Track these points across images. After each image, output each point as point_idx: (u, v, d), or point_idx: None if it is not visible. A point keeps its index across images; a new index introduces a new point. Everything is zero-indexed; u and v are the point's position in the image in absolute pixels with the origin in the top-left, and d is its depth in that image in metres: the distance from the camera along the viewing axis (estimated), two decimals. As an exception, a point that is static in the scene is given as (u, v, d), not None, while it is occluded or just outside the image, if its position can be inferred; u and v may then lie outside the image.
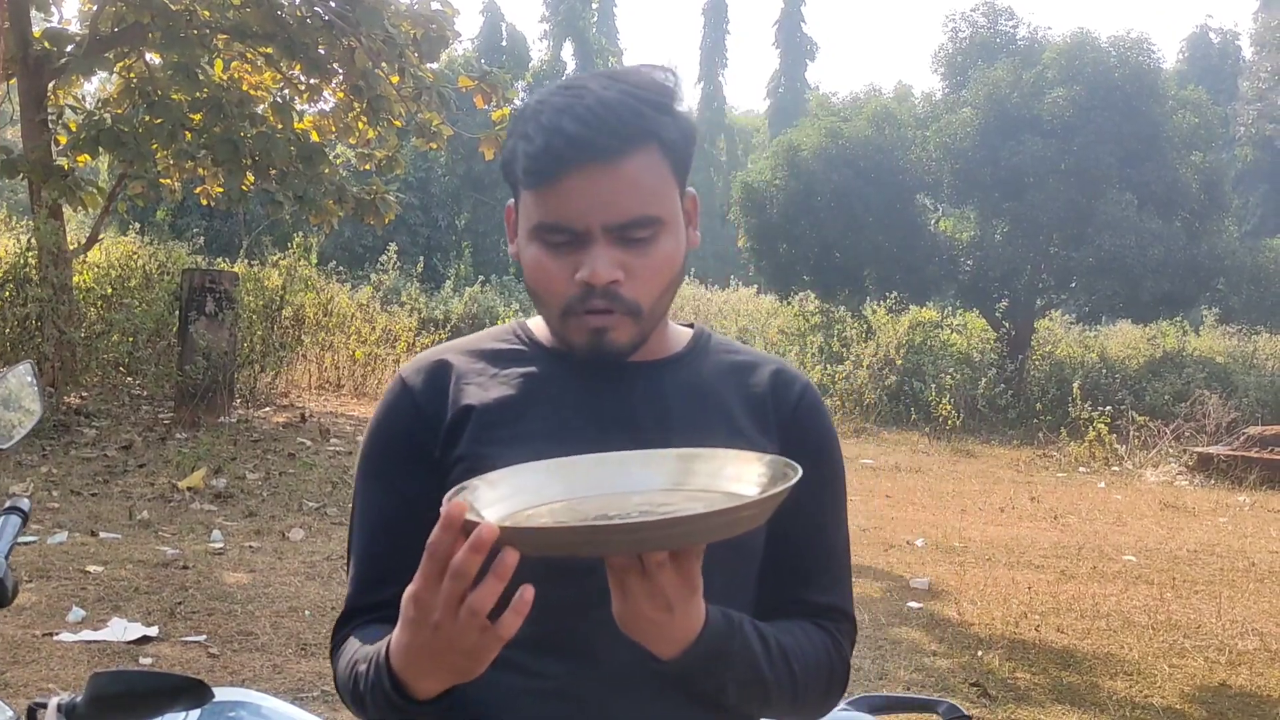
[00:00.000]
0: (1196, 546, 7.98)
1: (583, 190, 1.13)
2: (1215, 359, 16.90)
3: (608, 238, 1.14)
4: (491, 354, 1.29)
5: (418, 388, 1.26)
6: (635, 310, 1.18)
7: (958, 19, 17.86)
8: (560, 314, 1.19)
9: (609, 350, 1.19)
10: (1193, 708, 4.60)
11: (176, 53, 10.03)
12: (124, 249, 13.33)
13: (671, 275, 1.20)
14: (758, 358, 1.34)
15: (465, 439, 1.21)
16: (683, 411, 1.24)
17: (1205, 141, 16.35)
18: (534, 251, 1.18)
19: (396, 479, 1.24)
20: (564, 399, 1.23)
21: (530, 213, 1.17)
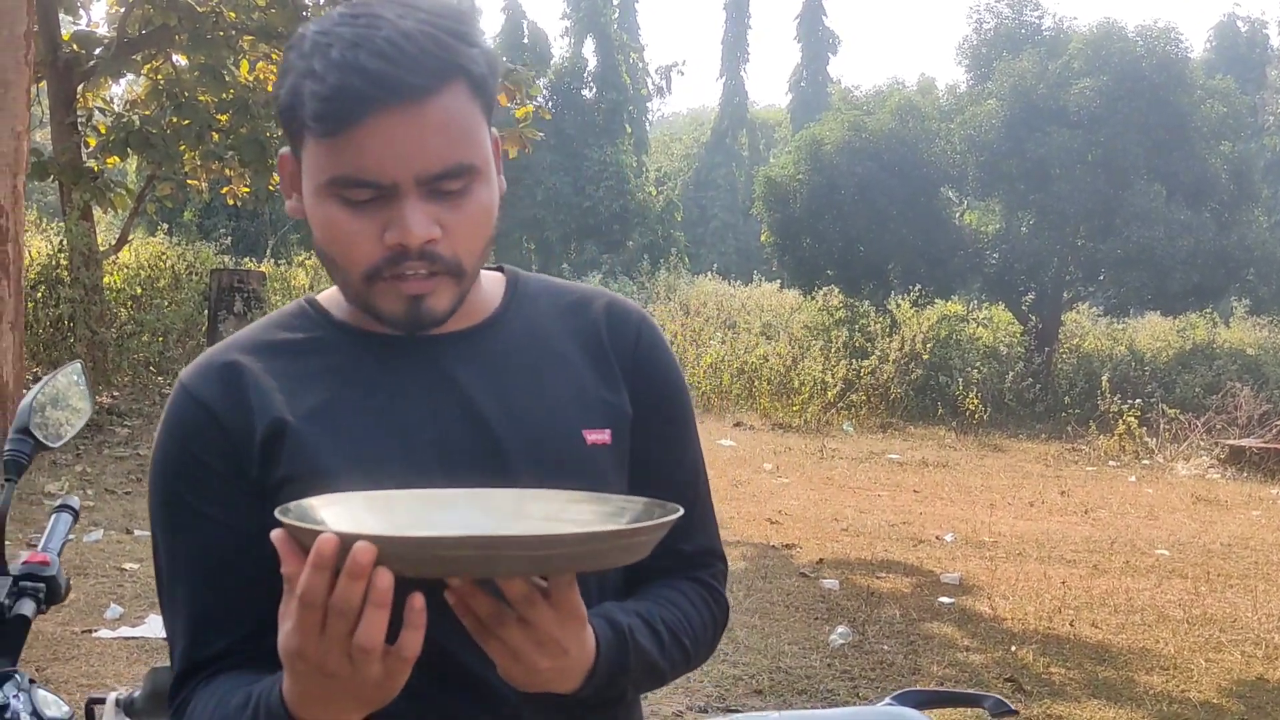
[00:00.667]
0: (1230, 540, 7.91)
1: (387, 137, 0.96)
2: (1246, 350, 16.75)
3: (419, 191, 0.98)
4: (286, 347, 1.10)
5: (211, 399, 1.05)
6: (457, 270, 1.03)
7: (982, 10, 17.76)
8: (364, 279, 1.02)
9: (428, 318, 1.04)
10: (1230, 702, 4.57)
11: (203, 54, 10.11)
12: (153, 250, 13.45)
13: (490, 228, 1.06)
14: (583, 292, 1.20)
15: (286, 457, 1.03)
16: (520, 377, 1.10)
17: (1234, 131, 16.20)
18: (329, 210, 1.00)
19: (207, 506, 1.03)
20: (386, 389, 1.07)
21: (321, 165, 0.99)
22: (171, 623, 1.06)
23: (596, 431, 1.09)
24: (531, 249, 28.93)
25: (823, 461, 11.18)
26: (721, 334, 17.63)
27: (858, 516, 8.17)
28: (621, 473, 1.11)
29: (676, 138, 41.01)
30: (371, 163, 0.96)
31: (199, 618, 1.03)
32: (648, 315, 1.20)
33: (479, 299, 1.13)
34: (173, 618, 1.06)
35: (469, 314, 1.11)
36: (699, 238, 33.05)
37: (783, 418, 14.23)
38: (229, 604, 1.02)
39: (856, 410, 14.51)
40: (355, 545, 0.78)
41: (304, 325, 1.11)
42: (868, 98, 18.60)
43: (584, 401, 1.10)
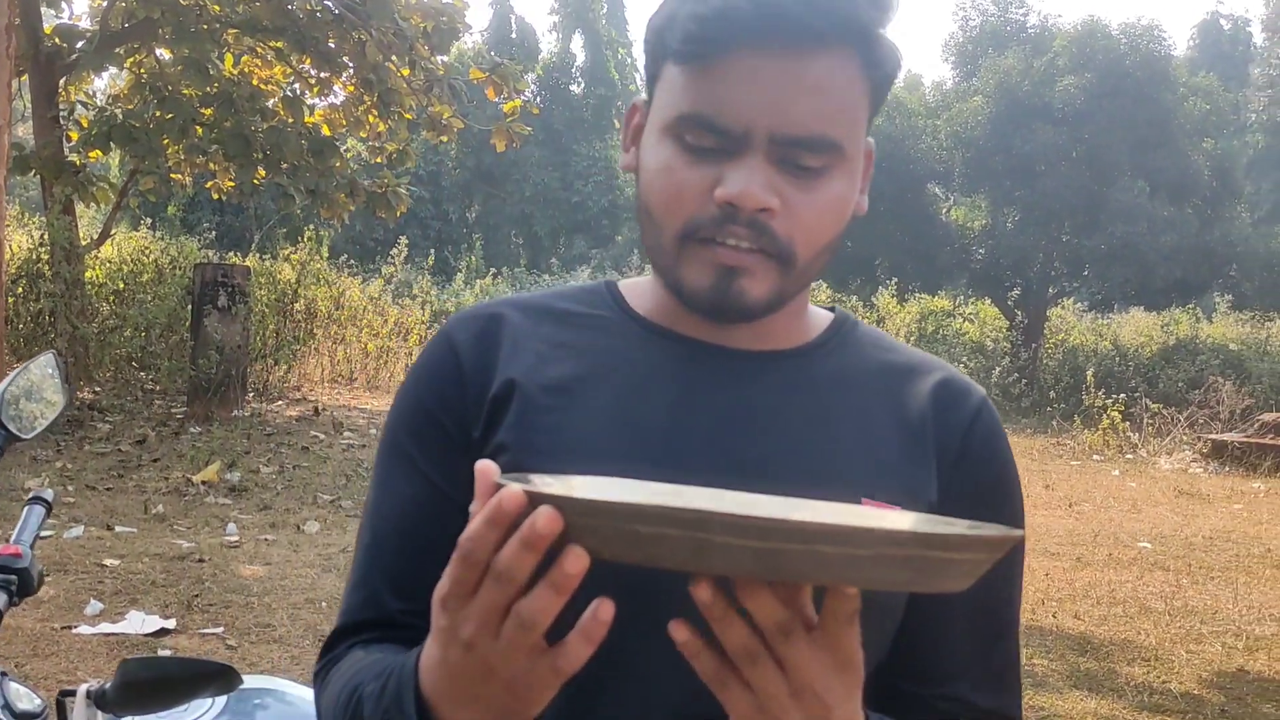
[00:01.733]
0: (1212, 533, 7.96)
1: (754, 78, 0.83)
2: (1228, 346, 16.84)
3: (770, 152, 0.85)
4: (563, 315, 0.99)
5: (464, 345, 0.96)
6: (786, 256, 0.87)
7: (968, 7, 17.83)
8: (679, 238, 0.88)
9: (736, 301, 0.87)
10: (1211, 693, 4.59)
11: (187, 48, 10.05)
12: (136, 244, 13.36)
13: (838, 228, 0.90)
14: (919, 360, 1.01)
15: (509, 422, 0.92)
16: (809, 420, 0.93)
17: (1217, 128, 16.30)
18: (665, 153, 0.87)
19: (424, 462, 0.94)
20: (648, 380, 0.93)
21: (674, 99, 0.87)
22: (358, 565, 0.96)
23: (880, 506, 0.89)
24: (520, 244, 28.91)
25: (808, 456, 11.19)
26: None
27: (842, 511, 8.19)
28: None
29: (663, 133, 41.01)
30: (728, 103, 0.84)
31: (372, 574, 0.94)
32: (989, 401, 1.00)
33: (797, 325, 0.98)
34: (359, 563, 0.96)
35: (779, 336, 0.96)
36: (686, 233, 33.06)
37: (769, 413, 14.23)
38: (416, 571, 0.90)
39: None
40: (539, 509, 0.63)
41: (594, 302, 1.00)
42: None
43: (874, 468, 0.92)
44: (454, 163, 26.53)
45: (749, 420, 0.91)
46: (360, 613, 0.94)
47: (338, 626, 0.95)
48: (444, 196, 26.39)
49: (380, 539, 0.95)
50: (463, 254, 25.27)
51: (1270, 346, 16.75)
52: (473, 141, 22.51)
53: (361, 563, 0.96)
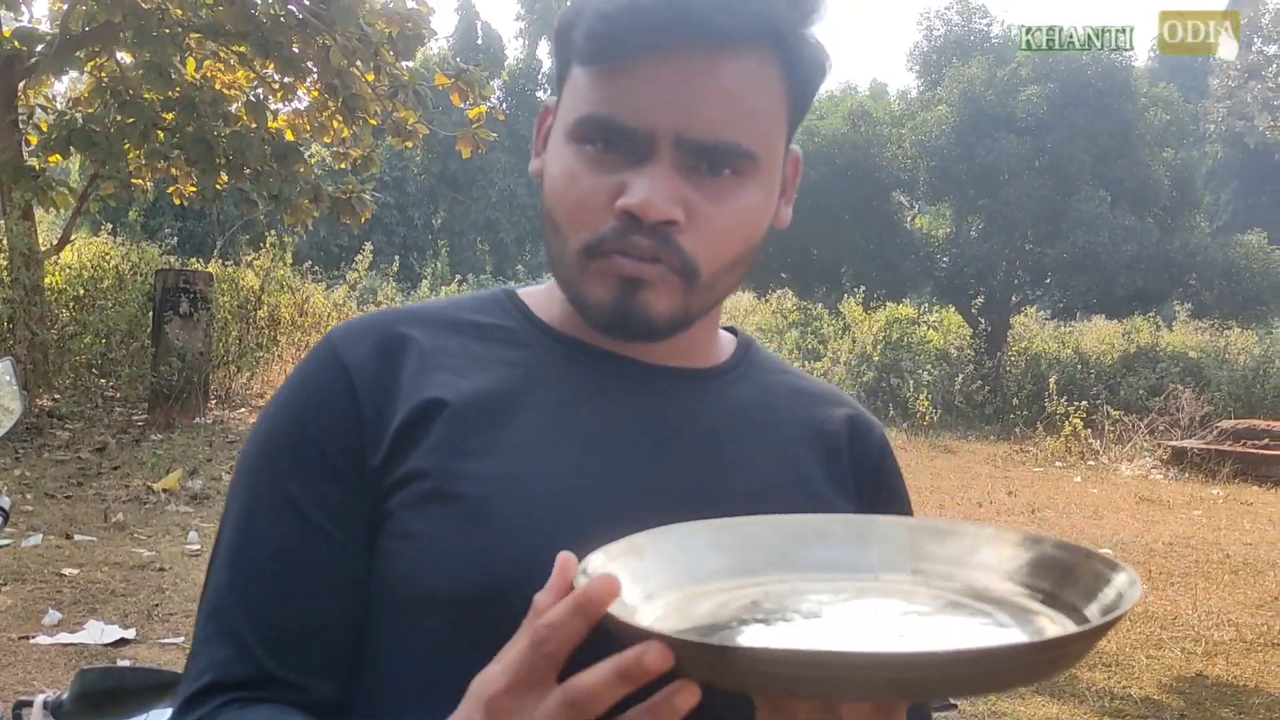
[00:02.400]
0: (1171, 539, 8.05)
1: (661, 79, 0.78)
2: (1188, 354, 17.06)
3: (676, 158, 0.80)
4: (470, 327, 0.91)
5: (358, 363, 0.86)
6: (690, 271, 0.82)
7: (932, 17, 17.98)
8: (582, 253, 0.83)
9: (639, 315, 0.83)
10: (1171, 698, 4.64)
11: (148, 51, 9.94)
12: (96, 249, 13.21)
13: (749, 242, 0.86)
14: (823, 390, 1.01)
15: (428, 446, 0.82)
16: (740, 440, 0.90)
17: (1177, 138, 16.52)
18: (568, 158, 0.83)
19: (303, 496, 0.83)
20: (575, 396, 0.87)
21: (578, 101, 0.82)
22: (215, 613, 0.83)
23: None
24: (486, 250, 28.83)
25: (774, 463, 11.22)
26: (674, 336, 17.67)
27: (808, 518, 8.22)
28: None
29: (630, 141, 41.11)
30: (631, 104, 0.79)
31: (250, 628, 0.81)
32: (885, 433, 1.02)
33: (708, 345, 0.94)
34: (217, 610, 0.83)
35: (696, 354, 0.93)
36: (652, 241, 33.14)
37: (735, 420, 14.26)
38: (293, 623, 0.82)
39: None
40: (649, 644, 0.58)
41: (497, 312, 0.93)
42: (820, 102, 18.73)
43: (802, 491, 0.90)
44: (419, 169, 26.44)
45: (682, 439, 0.87)
46: (230, 670, 0.81)
47: (203, 685, 0.81)
48: (409, 202, 26.29)
49: (247, 585, 0.83)
50: (428, 260, 25.18)
51: (1229, 354, 16.99)
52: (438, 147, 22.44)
53: (223, 611, 0.82)
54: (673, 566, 0.72)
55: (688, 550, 0.73)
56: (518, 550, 0.79)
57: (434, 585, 0.80)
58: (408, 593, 0.81)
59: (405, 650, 0.82)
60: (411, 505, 0.81)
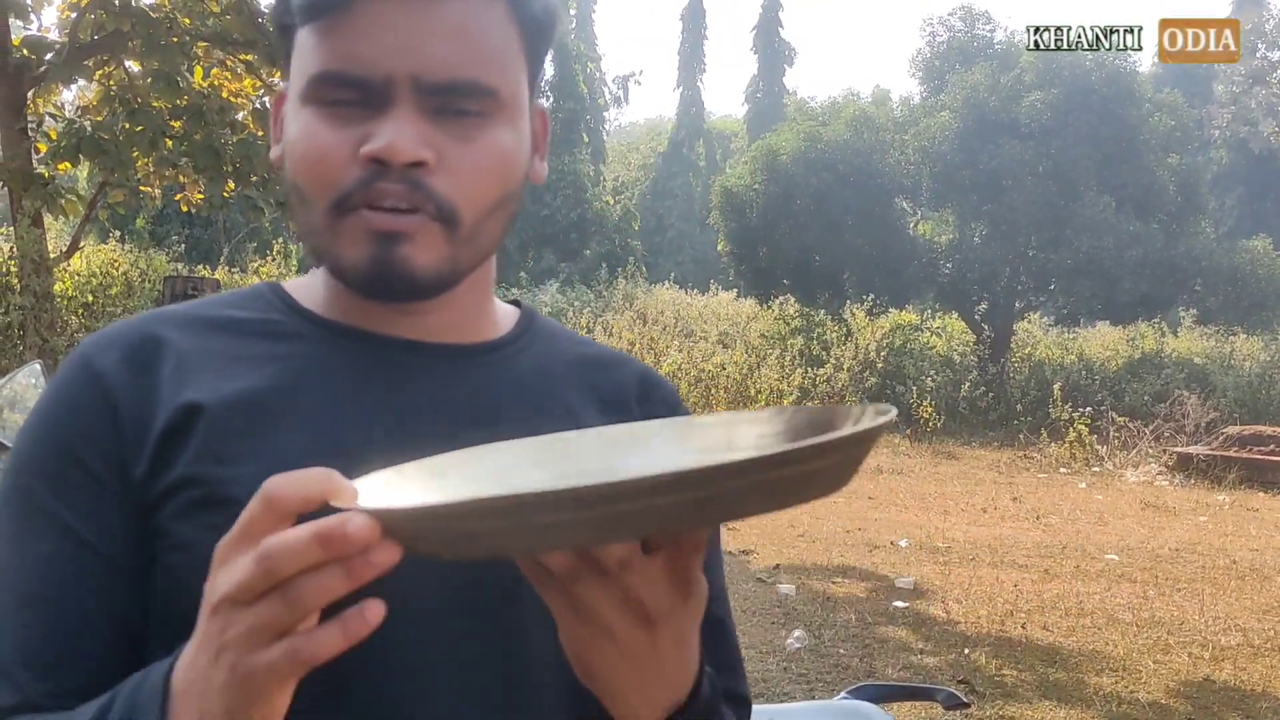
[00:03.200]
0: (1178, 545, 8.06)
1: (387, 23, 0.77)
2: (1193, 360, 17.06)
3: (418, 102, 0.78)
4: (229, 324, 0.86)
5: (111, 373, 0.81)
6: (448, 216, 0.79)
7: (935, 23, 18.03)
8: (331, 211, 0.79)
9: (399, 272, 0.79)
10: (1178, 702, 4.66)
11: (157, 60, 9.99)
12: (105, 256, 13.27)
13: (507, 183, 0.83)
14: (612, 355, 0.99)
15: (190, 452, 0.78)
16: (521, 416, 0.86)
17: (1181, 144, 16.53)
18: (304, 122, 0.79)
19: (67, 512, 0.78)
20: (344, 386, 0.83)
21: (306, 62, 0.79)
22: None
23: None
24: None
25: (779, 469, 11.23)
26: (679, 343, 17.70)
27: (814, 523, 8.24)
28: None
29: (634, 147, 41.14)
30: (361, 52, 0.77)
31: (13, 652, 0.77)
32: (678, 394, 1.00)
33: (484, 319, 0.91)
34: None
35: (471, 328, 0.89)
36: (656, 247, 33.15)
37: (740, 426, 14.27)
38: (60, 644, 0.77)
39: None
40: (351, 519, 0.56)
41: (259, 306, 0.89)
42: (823, 109, 18.78)
43: None
44: (424, 176, 26.52)
45: (461, 420, 0.84)
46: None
47: None
48: (414, 210, 26.37)
49: (14, 609, 0.77)
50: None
51: (1235, 360, 17.00)
52: (444, 155, 22.48)
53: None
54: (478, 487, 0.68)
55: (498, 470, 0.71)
56: None
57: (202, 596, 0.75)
58: (183, 605, 0.72)
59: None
60: (181, 515, 0.77)
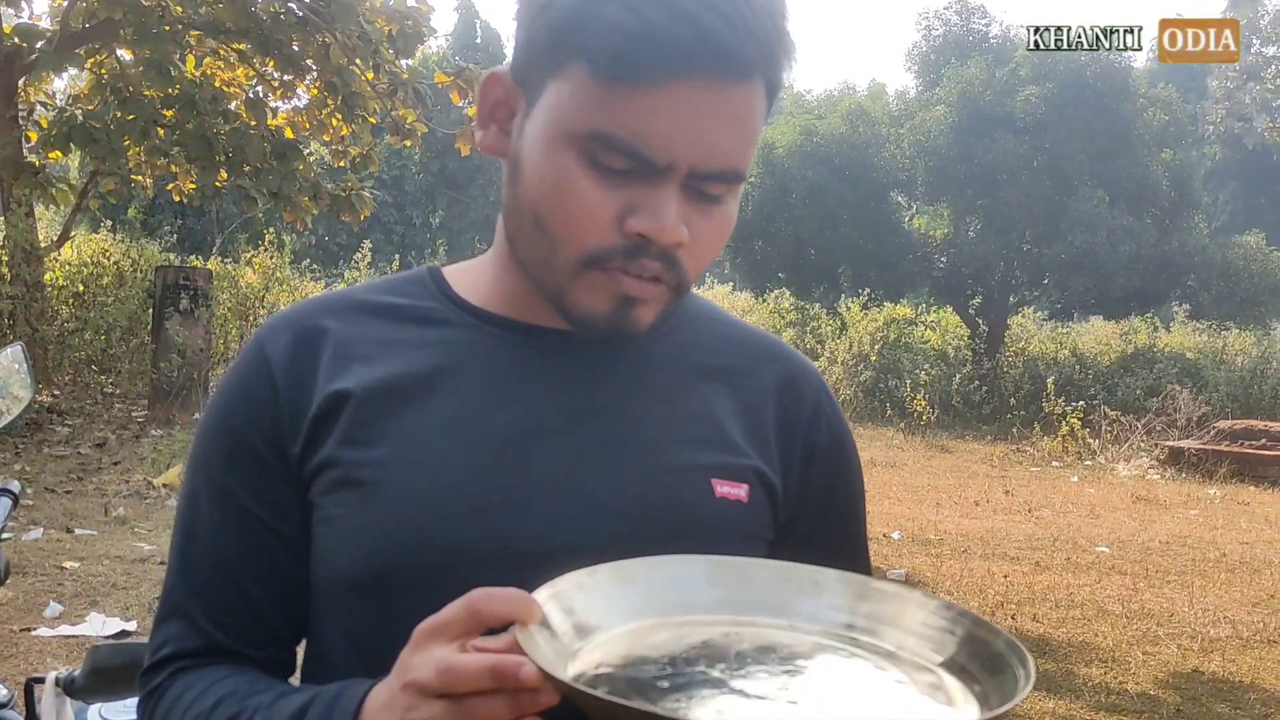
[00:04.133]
0: (1168, 538, 8.07)
1: (690, 110, 0.78)
2: (1186, 354, 17.08)
3: (684, 183, 0.81)
4: (386, 310, 0.93)
5: (279, 358, 0.89)
6: (683, 288, 0.86)
7: (931, 17, 17.98)
8: (580, 263, 0.83)
9: (631, 328, 0.85)
10: (1166, 693, 4.66)
11: (149, 49, 9.95)
12: (96, 246, 13.21)
13: (722, 248, 0.89)
14: (760, 338, 1.01)
15: (336, 436, 0.86)
16: (654, 404, 0.91)
17: (1175, 139, 16.53)
18: (568, 167, 0.81)
19: (238, 488, 0.88)
20: (488, 373, 0.89)
21: (586, 111, 0.79)
22: (169, 594, 0.91)
23: (729, 484, 0.90)
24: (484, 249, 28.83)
25: (772, 462, 11.24)
26: (673, 336, 17.68)
27: (806, 515, 8.23)
28: (754, 549, 0.91)
29: (629, 140, 41.09)
30: (655, 133, 0.78)
31: (199, 609, 0.89)
32: (827, 385, 1.01)
33: None
34: (171, 591, 0.91)
35: None
36: (651, 240, 33.14)
37: (733, 419, 14.28)
38: (236, 606, 0.89)
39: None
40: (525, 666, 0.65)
41: (418, 293, 0.94)
42: (819, 102, 18.77)
43: (720, 448, 0.91)
44: (418, 167, 26.43)
45: (593, 405, 0.89)
46: (184, 642, 0.89)
47: (162, 656, 0.90)
48: (408, 201, 26.29)
49: (194, 569, 0.90)
50: (426, 259, 25.18)
51: (1226, 355, 17.02)
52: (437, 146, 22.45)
53: (176, 590, 0.91)
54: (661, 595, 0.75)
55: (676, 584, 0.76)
56: (408, 532, 0.83)
57: (339, 567, 0.86)
58: (323, 575, 0.87)
59: (328, 630, 0.88)
60: (326, 493, 0.86)
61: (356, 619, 0.85)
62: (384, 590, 0.83)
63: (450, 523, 0.83)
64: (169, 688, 0.88)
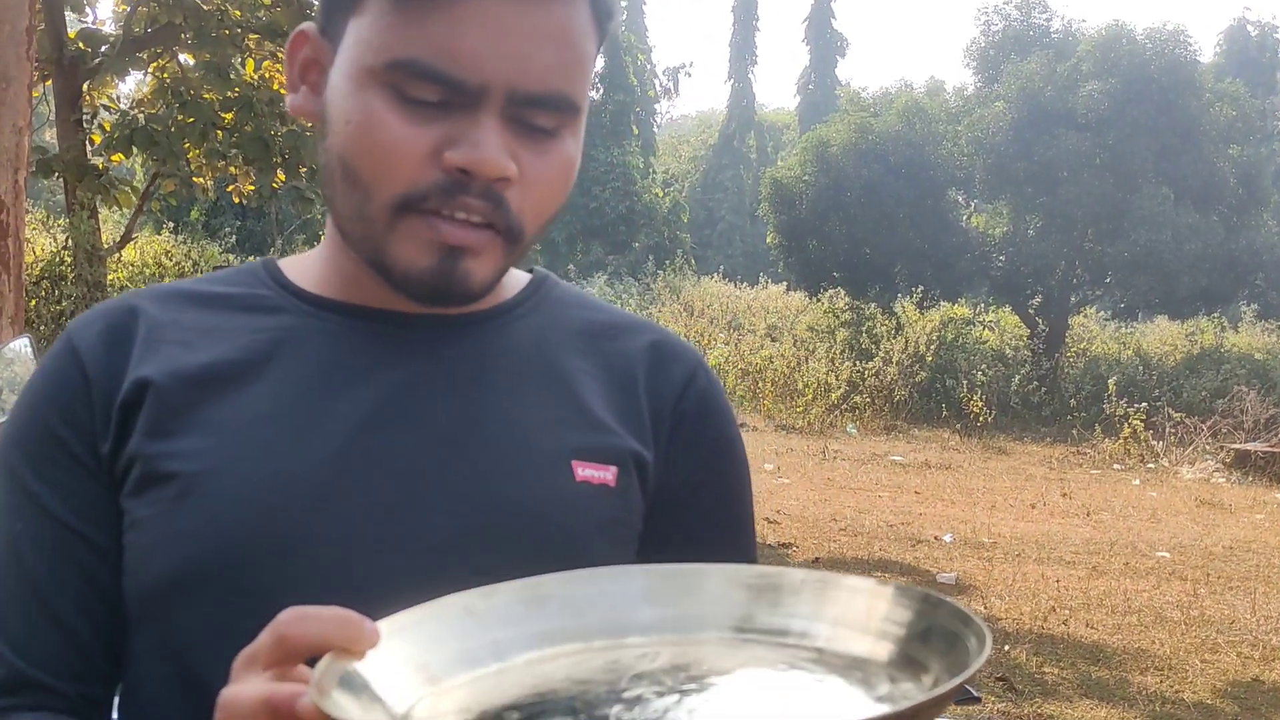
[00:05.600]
0: (1232, 543, 7.87)
1: (494, 24, 0.71)
2: (1254, 355, 16.67)
3: (505, 111, 0.74)
4: (210, 298, 0.85)
5: (88, 348, 0.81)
6: (515, 234, 0.77)
7: (990, 12, 17.73)
8: (394, 207, 0.75)
9: (459, 286, 0.77)
10: (1224, 703, 4.53)
11: (208, 52, 10.14)
12: (158, 247, 13.49)
13: (565, 196, 0.80)
14: (626, 321, 0.91)
15: (139, 428, 0.78)
16: (510, 383, 0.83)
17: (1243, 135, 16.15)
18: (372, 103, 0.74)
19: (45, 492, 0.79)
20: (322, 358, 0.81)
21: (385, 40, 0.73)
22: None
23: (593, 466, 0.82)
24: (537, 249, 28.95)
25: (824, 462, 11.15)
26: (726, 335, 17.63)
27: (856, 517, 8.15)
28: (619, 536, 0.83)
29: (684, 140, 41.04)
30: (462, 52, 0.71)
31: (3, 633, 0.79)
32: (704, 361, 0.92)
33: (497, 287, 0.86)
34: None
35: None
36: (706, 240, 33.06)
37: (786, 419, 14.20)
38: (40, 625, 0.78)
39: (860, 412, 14.47)
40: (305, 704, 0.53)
41: (249, 281, 0.86)
42: (875, 99, 18.58)
43: (582, 428, 0.83)
44: (475, 168, 26.66)
45: (442, 389, 0.81)
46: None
47: None
48: (465, 202, 26.52)
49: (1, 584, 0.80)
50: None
51: (1296, 356, 16.60)
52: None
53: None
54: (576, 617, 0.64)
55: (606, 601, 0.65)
56: (226, 529, 0.75)
57: (151, 574, 0.77)
58: (134, 585, 0.78)
59: (146, 643, 0.79)
60: (134, 492, 0.77)
61: (172, 631, 0.76)
62: (201, 595, 0.75)
63: (274, 516, 0.75)
64: None
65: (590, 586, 0.65)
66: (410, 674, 0.59)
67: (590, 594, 0.65)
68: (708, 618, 0.64)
